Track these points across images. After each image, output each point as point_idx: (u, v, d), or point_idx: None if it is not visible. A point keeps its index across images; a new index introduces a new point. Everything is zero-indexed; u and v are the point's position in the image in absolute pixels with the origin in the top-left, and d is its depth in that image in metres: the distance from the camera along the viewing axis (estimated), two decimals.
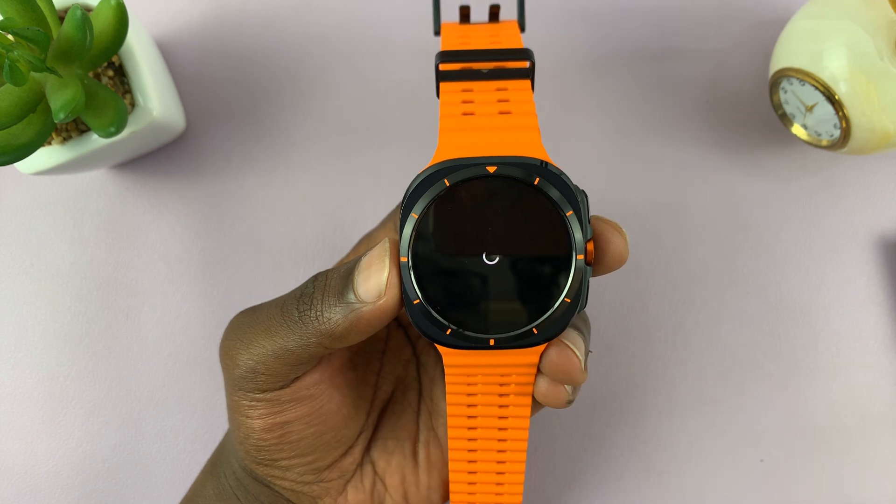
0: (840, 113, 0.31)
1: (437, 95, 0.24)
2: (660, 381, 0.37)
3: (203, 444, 0.37)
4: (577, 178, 0.26)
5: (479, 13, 0.29)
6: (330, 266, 0.37)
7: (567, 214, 0.22)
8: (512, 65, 0.24)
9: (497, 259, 0.22)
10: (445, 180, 0.22)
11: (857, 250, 0.37)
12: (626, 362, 0.37)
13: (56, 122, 0.27)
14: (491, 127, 0.23)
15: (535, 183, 0.22)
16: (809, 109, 0.33)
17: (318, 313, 0.23)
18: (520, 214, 0.22)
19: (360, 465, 0.28)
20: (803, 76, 0.31)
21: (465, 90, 0.23)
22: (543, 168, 0.22)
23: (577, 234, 0.22)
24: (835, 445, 0.36)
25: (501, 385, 0.24)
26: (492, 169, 0.22)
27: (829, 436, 0.36)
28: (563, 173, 0.22)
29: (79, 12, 0.26)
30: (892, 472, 0.36)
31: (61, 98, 0.27)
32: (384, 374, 0.30)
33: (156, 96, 0.32)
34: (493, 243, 0.22)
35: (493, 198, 0.22)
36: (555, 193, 0.22)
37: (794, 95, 0.33)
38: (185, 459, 0.37)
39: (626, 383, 0.37)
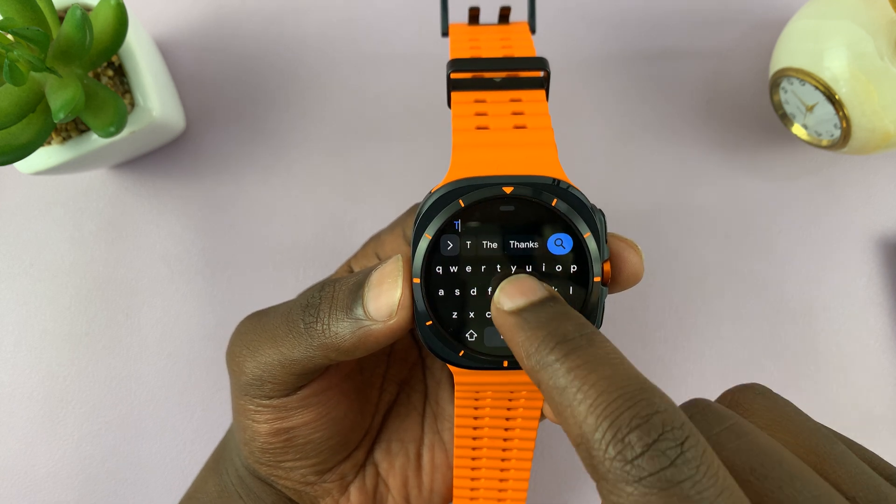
0: (840, 113, 0.31)
1: (448, 104, 0.23)
2: (660, 381, 0.37)
3: (203, 444, 0.37)
4: (577, 178, 0.26)
5: (488, 13, 0.29)
6: (329, 266, 0.37)
7: (584, 236, 0.21)
8: (526, 74, 0.23)
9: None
10: (460, 200, 0.21)
11: (857, 250, 0.37)
12: None
13: (56, 122, 0.27)
14: (506, 143, 0.22)
15: (553, 204, 0.21)
16: (810, 109, 0.33)
17: (324, 326, 0.22)
18: (536, 236, 0.21)
19: (364, 466, 0.28)
20: (803, 76, 0.31)
21: (478, 101, 0.23)
22: (561, 189, 0.21)
23: (595, 256, 0.21)
24: None
25: (510, 401, 0.23)
26: (508, 189, 0.21)
27: None
28: (581, 194, 0.21)
29: (78, 12, 0.26)
30: None
31: (61, 98, 0.27)
32: (389, 376, 0.30)
33: (156, 96, 0.32)
34: (508, 265, 0.21)
35: (509, 219, 0.21)
36: (572, 215, 0.21)
37: (794, 95, 0.33)
38: (185, 459, 0.37)
39: None
